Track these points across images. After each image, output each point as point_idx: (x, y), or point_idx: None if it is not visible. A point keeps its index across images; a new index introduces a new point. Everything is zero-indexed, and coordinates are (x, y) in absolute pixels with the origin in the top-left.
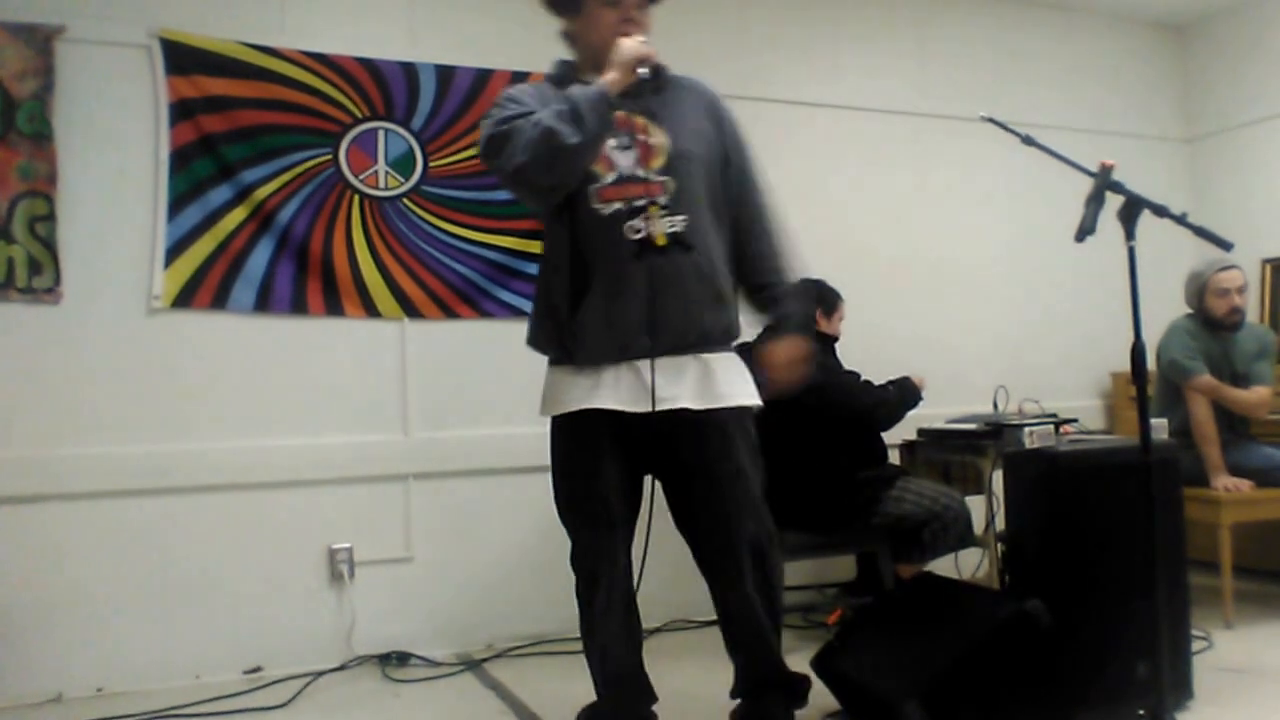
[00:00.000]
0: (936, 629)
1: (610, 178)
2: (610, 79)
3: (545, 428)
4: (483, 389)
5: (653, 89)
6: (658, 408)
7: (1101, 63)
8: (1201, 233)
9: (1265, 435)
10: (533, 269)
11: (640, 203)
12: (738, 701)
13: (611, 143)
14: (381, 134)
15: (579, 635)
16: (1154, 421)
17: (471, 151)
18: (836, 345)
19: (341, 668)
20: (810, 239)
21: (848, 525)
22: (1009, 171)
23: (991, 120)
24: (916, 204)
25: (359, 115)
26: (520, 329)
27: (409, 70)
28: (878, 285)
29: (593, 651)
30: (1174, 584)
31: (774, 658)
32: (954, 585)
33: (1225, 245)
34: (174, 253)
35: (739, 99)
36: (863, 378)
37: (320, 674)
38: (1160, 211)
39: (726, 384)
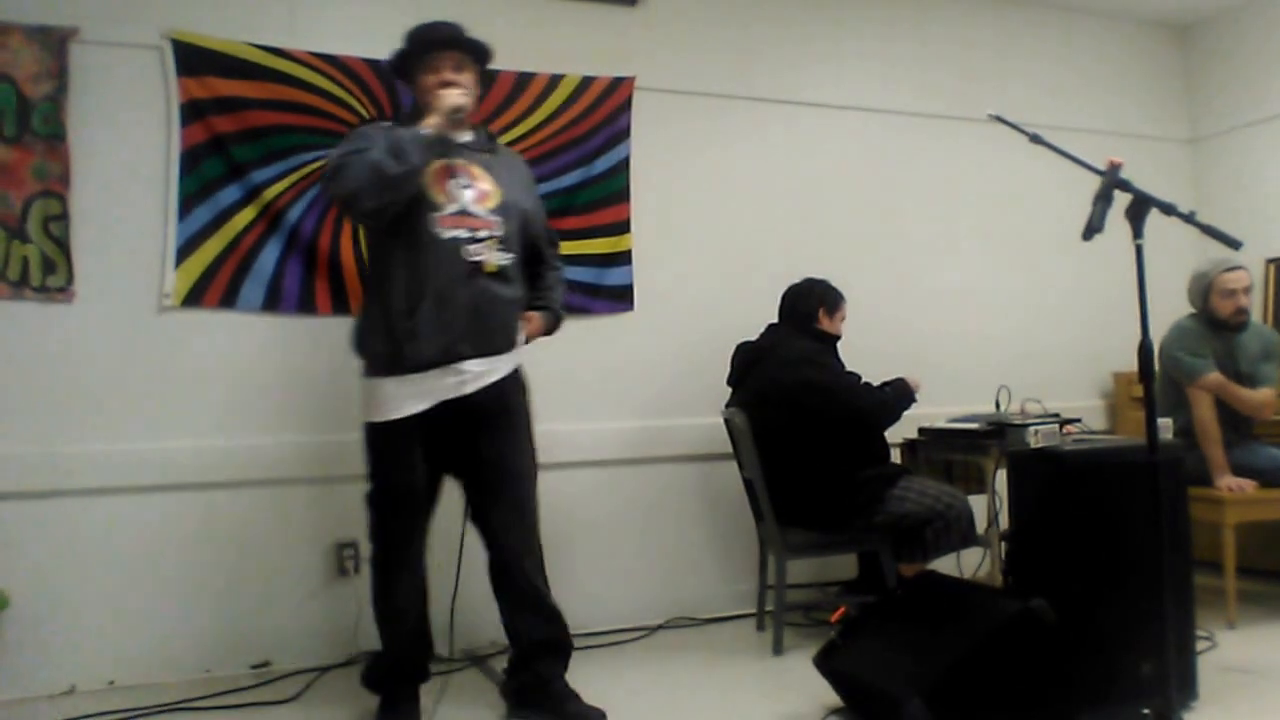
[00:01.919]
0: (940, 627)
1: (451, 209)
2: (429, 123)
3: (555, 425)
4: None
5: (488, 149)
6: (466, 394)
7: (1104, 63)
8: (1210, 231)
9: (1269, 436)
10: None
11: (483, 235)
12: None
13: (453, 180)
14: None
15: (581, 633)
16: (1159, 421)
17: None
18: (839, 345)
19: (348, 663)
20: (812, 238)
21: (850, 524)
22: (1012, 172)
23: (1000, 119)
24: (919, 204)
25: (366, 116)
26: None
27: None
28: (880, 284)
29: (389, 612)
30: (1179, 584)
31: (555, 622)
32: (957, 584)
33: (1234, 244)
34: (184, 252)
35: (740, 99)
36: (862, 379)
37: (327, 669)
38: (1168, 210)
39: (516, 377)
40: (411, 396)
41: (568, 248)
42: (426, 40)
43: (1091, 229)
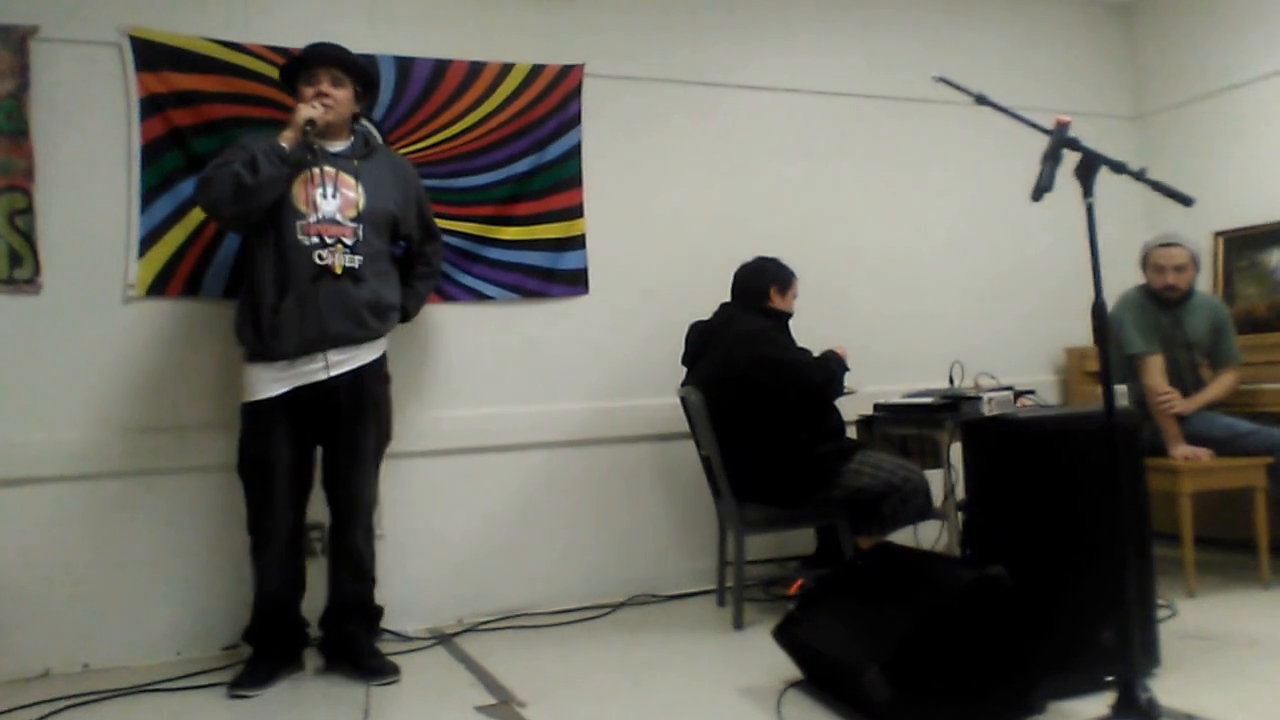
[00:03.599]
0: (898, 597)
1: (314, 217)
2: (284, 136)
3: (512, 407)
4: (450, 370)
5: (362, 155)
6: (331, 375)
7: (1049, 40)
8: (1160, 188)
9: (1223, 405)
10: (495, 253)
11: (330, 240)
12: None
13: (319, 190)
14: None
15: (543, 612)
16: (1114, 388)
17: (432, 140)
18: (790, 322)
19: (314, 643)
20: (763, 220)
21: (807, 499)
22: (959, 149)
23: (945, 80)
24: (867, 183)
25: None
26: (485, 312)
27: (369, 62)
28: (831, 263)
29: (255, 582)
30: (1139, 550)
31: (366, 589)
32: (915, 554)
33: (1186, 200)
34: (148, 243)
35: (688, 84)
36: (812, 354)
37: None
38: (1118, 168)
39: (374, 367)
40: (275, 381)
41: (522, 233)
42: (310, 56)
43: (1040, 189)
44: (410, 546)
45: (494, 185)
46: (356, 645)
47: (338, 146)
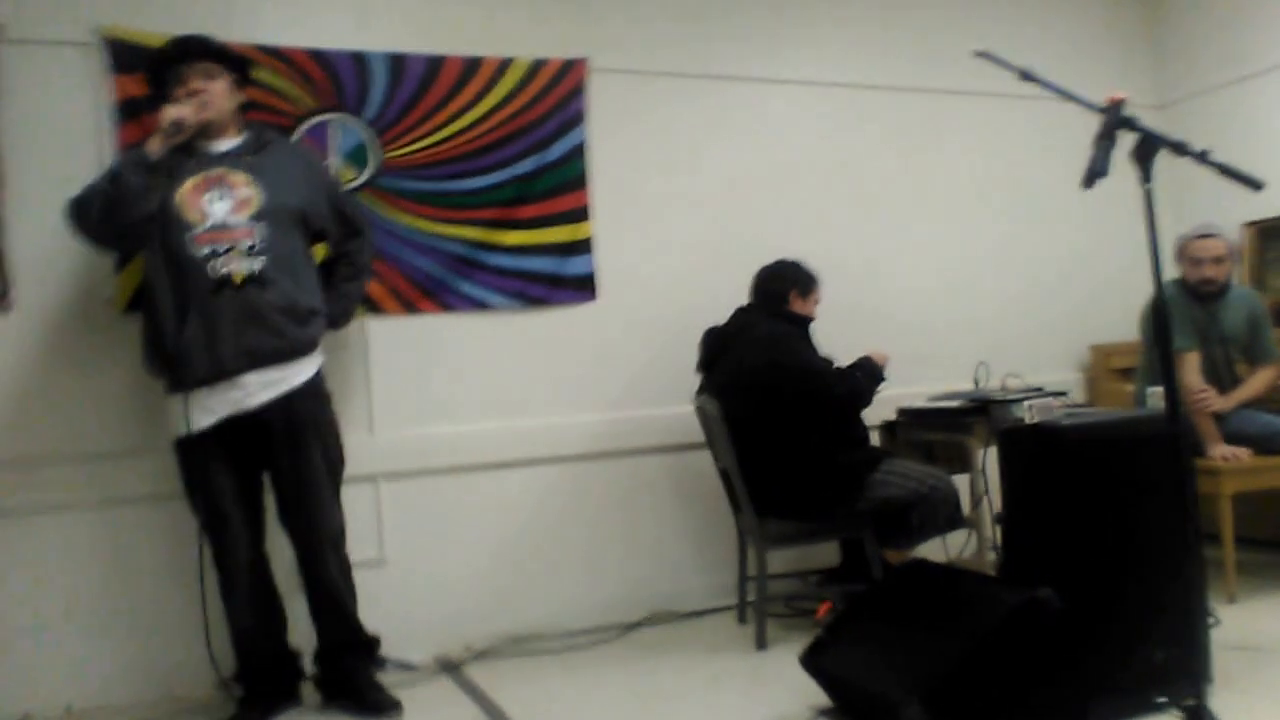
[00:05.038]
0: (935, 622)
1: (204, 226)
2: (150, 144)
3: (517, 421)
4: (449, 384)
5: (254, 149)
6: (251, 407)
7: (1071, 26)
8: (1227, 170)
9: (1262, 402)
10: (495, 259)
11: (224, 247)
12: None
13: (207, 195)
14: (333, 126)
15: (556, 634)
16: (1152, 390)
17: (429, 141)
18: (811, 327)
19: (311, 677)
20: (778, 218)
21: (832, 511)
22: (980, 143)
23: (986, 55)
24: (887, 180)
25: (310, 107)
26: (483, 321)
27: (359, 60)
28: (850, 263)
29: (231, 631)
30: (1193, 563)
31: (353, 623)
32: (948, 573)
33: (1256, 184)
34: (126, 257)
35: (698, 78)
36: (834, 364)
37: None
38: (1180, 149)
39: (307, 388)
40: (197, 412)
41: (527, 238)
42: (173, 55)
43: (1094, 173)
44: (414, 570)
45: (496, 187)
46: (355, 680)
47: (225, 145)
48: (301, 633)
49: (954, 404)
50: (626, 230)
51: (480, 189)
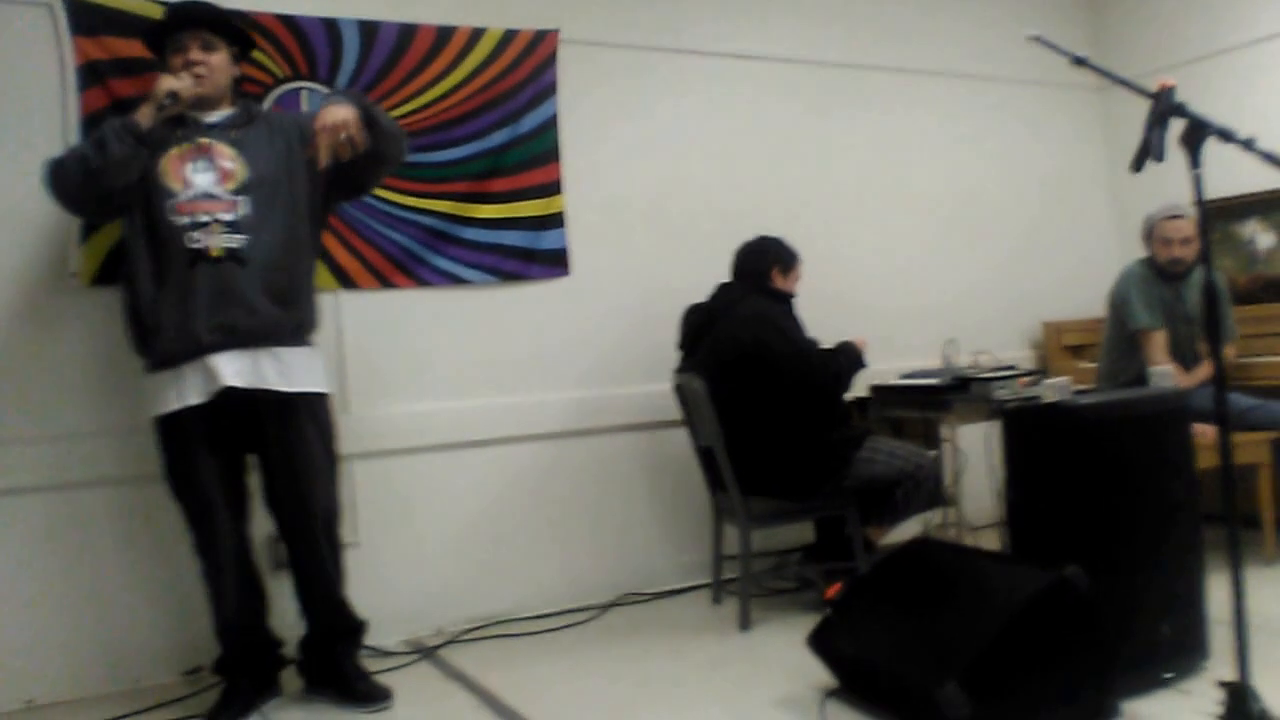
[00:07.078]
0: (957, 600)
1: (186, 195)
2: (141, 112)
3: (490, 399)
4: (424, 361)
5: (242, 123)
6: (230, 385)
7: (1014, 10)
8: (1271, 158)
9: (1229, 380)
10: (470, 233)
11: (204, 219)
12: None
13: (192, 165)
14: (305, 94)
15: (530, 616)
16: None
17: (400, 111)
18: (793, 303)
19: (289, 663)
20: (747, 192)
21: (817, 489)
22: (938, 124)
23: (1040, 40)
24: (849, 156)
25: (280, 75)
26: (460, 296)
27: (330, 26)
28: (811, 241)
29: (220, 625)
30: (1198, 539)
31: (344, 609)
32: (961, 551)
33: None
34: (90, 227)
35: (670, 51)
36: (819, 345)
37: None
38: (1227, 136)
39: (298, 373)
40: (176, 390)
41: (500, 211)
42: (175, 18)
43: (1147, 157)
44: (384, 552)
45: (468, 160)
46: (342, 668)
47: (214, 117)
48: (280, 618)
49: (931, 381)
50: (598, 204)
51: (452, 161)
